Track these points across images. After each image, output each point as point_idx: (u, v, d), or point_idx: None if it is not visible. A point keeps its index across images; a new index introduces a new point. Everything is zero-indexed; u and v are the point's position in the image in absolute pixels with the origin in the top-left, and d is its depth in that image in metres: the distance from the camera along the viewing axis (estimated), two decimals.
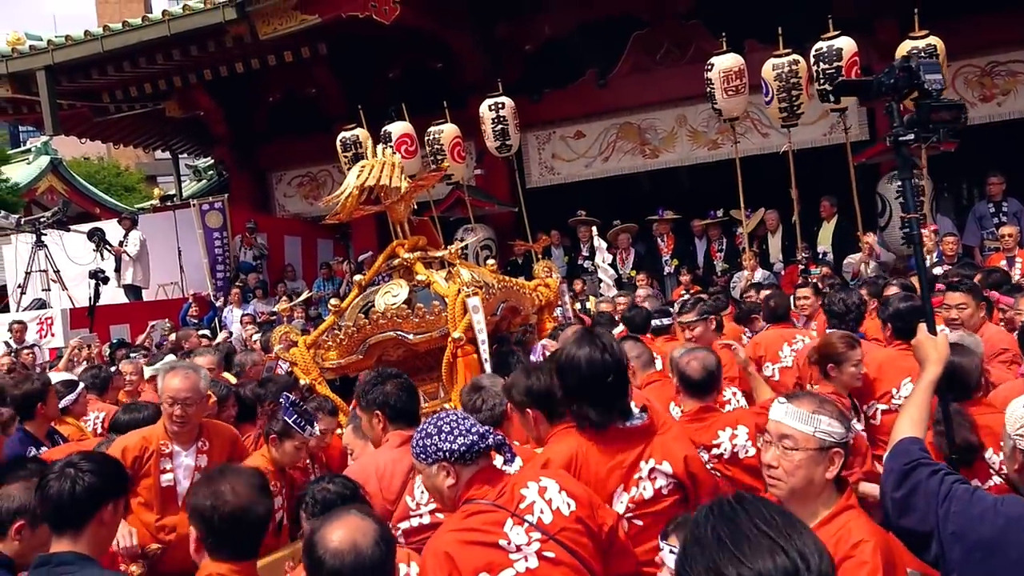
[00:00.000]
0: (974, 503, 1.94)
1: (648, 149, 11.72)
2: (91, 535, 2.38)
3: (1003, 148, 9.91)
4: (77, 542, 2.35)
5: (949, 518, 1.93)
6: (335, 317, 4.73)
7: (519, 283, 5.32)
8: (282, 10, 9.86)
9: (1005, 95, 9.95)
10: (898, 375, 3.88)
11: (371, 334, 4.44)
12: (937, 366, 2.41)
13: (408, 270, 4.67)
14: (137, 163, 33.62)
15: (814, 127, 10.13)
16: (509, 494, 2.24)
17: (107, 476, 2.48)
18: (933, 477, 2.03)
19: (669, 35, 11.39)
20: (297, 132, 13.53)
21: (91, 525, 2.38)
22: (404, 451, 2.92)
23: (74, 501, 2.35)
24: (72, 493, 2.35)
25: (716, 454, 3.28)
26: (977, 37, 9.46)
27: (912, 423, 2.23)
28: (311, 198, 14.21)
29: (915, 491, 2.02)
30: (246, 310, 11.16)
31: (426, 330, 4.35)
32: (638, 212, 11.08)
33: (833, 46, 7.57)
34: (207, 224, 12.16)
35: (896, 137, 2.78)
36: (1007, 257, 7.56)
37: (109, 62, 10.96)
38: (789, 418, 2.13)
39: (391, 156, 4.74)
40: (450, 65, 11.86)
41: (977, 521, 1.90)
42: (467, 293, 4.28)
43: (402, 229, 4.78)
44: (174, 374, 3.63)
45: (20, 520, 2.59)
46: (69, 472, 2.39)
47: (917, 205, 2.86)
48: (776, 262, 9.88)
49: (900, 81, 2.75)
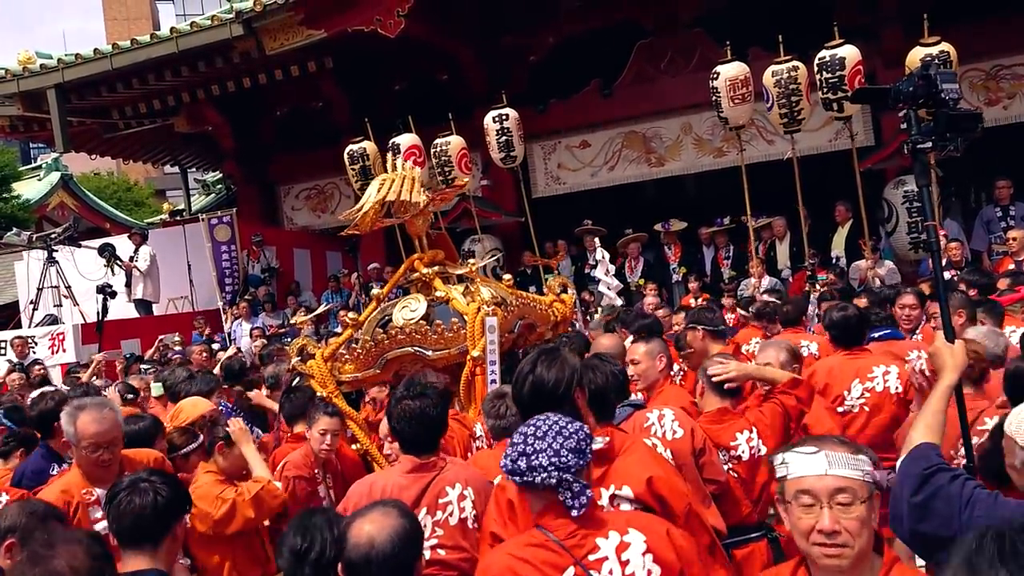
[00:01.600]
0: (998, 507, 1.93)
1: (654, 158, 11.74)
2: (166, 550, 2.39)
3: (1010, 152, 9.88)
4: (155, 557, 2.35)
5: (974, 522, 1.90)
6: (352, 330, 4.74)
7: (535, 299, 5.31)
8: (288, 26, 9.95)
9: (1011, 98, 9.94)
10: (847, 378, 4.21)
11: (389, 349, 4.44)
12: (953, 373, 2.42)
13: (426, 285, 4.68)
14: (146, 178, 33.87)
15: (819, 133, 10.14)
16: (581, 537, 1.99)
17: (179, 490, 2.52)
18: (955, 482, 2.01)
19: (673, 44, 11.43)
20: (304, 145, 13.62)
21: (167, 540, 2.39)
22: (413, 479, 2.83)
23: (156, 515, 2.36)
24: (155, 507, 2.36)
25: (734, 455, 3.36)
26: (982, 41, 9.46)
27: (928, 429, 2.22)
28: (319, 211, 14.29)
29: (935, 496, 2.00)
30: (255, 323, 11.22)
31: (444, 347, 4.35)
32: (644, 220, 11.09)
33: (836, 55, 7.56)
34: (215, 238, 12.24)
35: (915, 145, 2.78)
36: (1015, 261, 7.52)
37: (118, 79, 11.07)
38: (837, 467, 1.79)
39: (411, 170, 4.75)
40: (455, 77, 11.92)
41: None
42: (486, 312, 4.28)
43: (420, 243, 4.80)
44: (89, 417, 3.21)
45: (10, 538, 2.59)
46: (146, 487, 2.39)
47: (932, 213, 2.93)
48: (784, 268, 9.87)
49: (919, 90, 2.76)
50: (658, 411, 3.17)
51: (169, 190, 31.06)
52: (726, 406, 3.50)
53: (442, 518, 2.78)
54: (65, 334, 10.37)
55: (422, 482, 2.82)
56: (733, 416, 3.48)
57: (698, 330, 4.73)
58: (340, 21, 9.75)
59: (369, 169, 9.99)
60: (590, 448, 2.07)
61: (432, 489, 2.81)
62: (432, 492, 2.80)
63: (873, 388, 4.16)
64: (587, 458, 2.05)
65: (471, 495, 2.83)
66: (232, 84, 11.46)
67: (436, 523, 2.78)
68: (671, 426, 3.10)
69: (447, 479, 2.84)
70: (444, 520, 2.78)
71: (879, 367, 4.20)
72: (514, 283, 5.40)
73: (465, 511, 2.81)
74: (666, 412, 3.15)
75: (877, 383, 4.16)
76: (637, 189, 12.20)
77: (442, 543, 2.76)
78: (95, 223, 21.34)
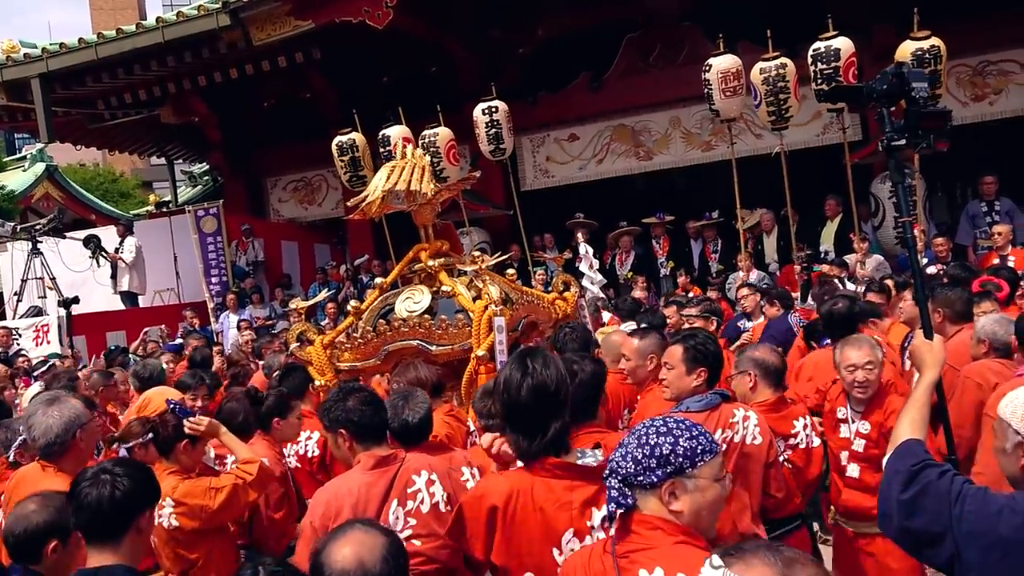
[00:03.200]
0: (989, 502, 1.94)
1: (642, 151, 11.74)
2: (129, 544, 2.31)
3: (995, 147, 9.95)
4: (118, 552, 2.27)
5: (964, 517, 1.93)
6: (354, 318, 4.68)
7: (539, 295, 5.25)
8: (276, 16, 9.88)
9: (997, 94, 9.98)
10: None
11: (391, 340, 4.40)
12: (934, 370, 2.46)
13: (430, 276, 4.63)
14: (133, 169, 33.65)
15: (807, 128, 10.17)
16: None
17: (143, 481, 2.40)
18: (943, 477, 2.02)
19: (662, 37, 11.42)
20: (292, 137, 13.54)
21: (130, 533, 2.31)
22: (378, 474, 2.78)
23: (114, 507, 2.27)
24: (112, 499, 2.27)
25: (792, 444, 3.42)
26: (969, 37, 9.49)
27: (913, 425, 2.24)
28: (306, 203, 14.22)
29: (925, 492, 2.01)
30: (242, 315, 11.16)
31: (448, 342, 4.31)
32: (633, 214, 11.10)
33: (831, 46, 7.57)
34: (202, 229, 12.17)
35: (889, 142, 2.82)
36: (1000, 256, 7.57)
37: (103, 69, 10.96)
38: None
39: (421, 158, 4.67)
40: (444, 69, 11.87)
41: (994, 519, 1.91)
42: (494, 311, 4.22)
43: (426, 233, 4.73)
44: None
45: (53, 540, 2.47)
46: (105, 478, 2.30)
47: (911, 208, 2.93)
48: (772, 262, 9.90)
49: (892, 88, 2.80)
50: (744, 411, 3.10)
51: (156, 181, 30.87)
52: (780, 395, 3.55)
53: (414, 507, 2.75)
54: (49, 326, 10.29)
55: (388, 475, 2.78)
56: (788, 405, 3.55)
57: (712, 321, 4.79)
58: (328, 12, 9.69)
59: (358, 160, 9.95)
60: (675, 459, 1.82)
61: (399, 480, 2.77)
62: (400, 483, 2.76)
63: None
64: (657, 473, 1.82)
65: (437, 479, 2.81)
66: (219, 75, 11.34)
67: (408, 513, 2.74)
68: (753, 431, 3.05)
69: (412, 467, 2.81)
70: (416, 509, 2.75)
71: None
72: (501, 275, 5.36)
73: (436, 496, 2.78)
74: (751, 415, 3.09)
75: None
76: (626, 182, 12.21)
77: (416, 532, 2.72)
78: (81, 214, 21.14)
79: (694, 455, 1.82)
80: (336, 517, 2.68)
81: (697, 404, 3.02)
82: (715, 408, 3.03)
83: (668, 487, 1.81)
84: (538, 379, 2.24)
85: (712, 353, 3.13)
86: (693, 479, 1.82)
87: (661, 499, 1.82)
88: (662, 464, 1.81)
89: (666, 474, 1.81)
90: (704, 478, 1.82)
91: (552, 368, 2.28)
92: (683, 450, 1.82)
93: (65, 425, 3.27)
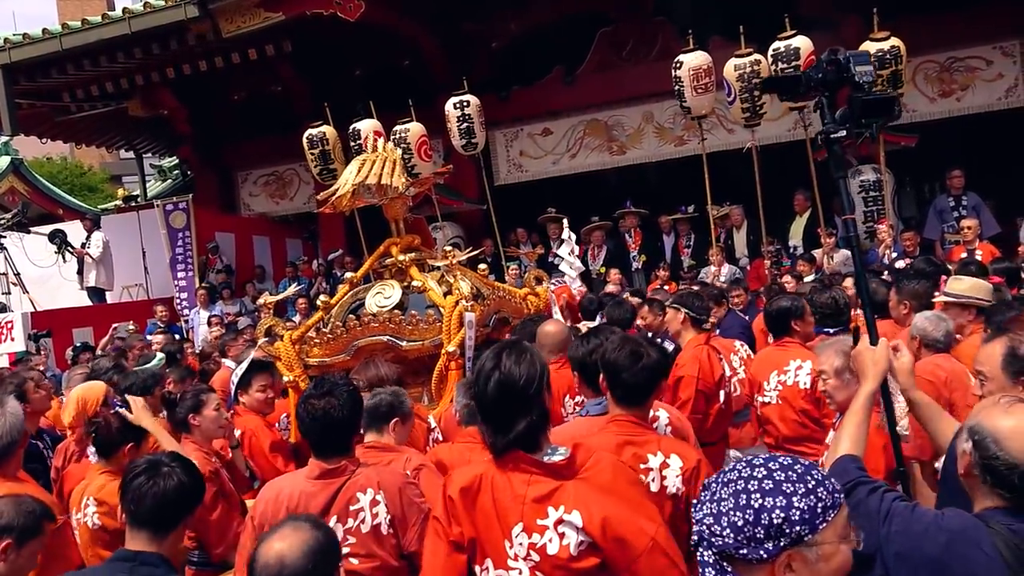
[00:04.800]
0: (915, 520, 1.87)
1: (615, 146, 11.76)
2: (173, 540, 2.35)
3: (962, 143, 10.07)
4: (163, 545, 2.29)
5: (891, 538, 1.86)
6: (323, 313, 4.63)
7: (510, 291, 5.22)
8: (245, 8, 9.75)
9: (964, 90, 10.10)
10: (768, 369, 4.29)
11: (361, 336, 4.33)
12: (874, 381, 2.30)
13: (401, 271, 4.58)
14: (101, 163, 33.09)
15: (778, 123, 10.22)
16: None
17: (198, 480, 2.45)
18: (872, 495, 1.95)
19: (635, 32, 11.45)
20: (263, 131, 13.39)
21: (179, 529, 2.36)
22: (321, 486, 2.66)
23: (175, 500, 2.32)
24: (179, 491, 2.32)
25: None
26: (936, 33, 9.61)
27: (850, 440, 2.15)
28: (277, 197, 14.09)
29: (855, 512, 1.89)
30: (212, 311, 11.04)
31: (419, 338, 4.25)
32: (606, 209, 11.11)
33: (791, 45, 7.61)
34: (171, 224, 12.01)
35: (828, 134, 2.59)
36: (967, 250, 7.67)
37: (69, 61, 10.76)
38: None
39: (393, 152, 4.62)
40: (416, 63, 11.80)
41: (920, 539, 1.83)
42: (464, 307, 4.17)
43: (397, 227, 4.68)
44: None
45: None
46: (167, 471, 2.33)
47: (852, 205, 2.79)
48: (742, 257, 9.97)
49: (828, 75, 2.56)
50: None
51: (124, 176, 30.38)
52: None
53: (354, 525, 2.62)
54: (13, 322, 10.09)
55: (331, 488, 2.65)
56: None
57: (681, 312, 4.69)
58: (299, 4, 9.58)
59: (329, 154, 9.85)
60: (779, 533, 1.42)
61: (342, 496, 2.64)
62: (342, 499, 2.64)
63: (785, 381, 4.16)
64: (767, 547, 1.42)
65: (384, 499, 2.65)
66: (188, 67, 11.17)
67: (348, 531, 2.61)
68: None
69: (358, 484, 2.66)
70: (356, 527, 2.62)
71: (794, 361, 4.17)
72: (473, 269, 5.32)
73: (378, 517, 2.63)
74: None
75: (789, 377, 4.15)
76: (599, 177, 12.22)
77: (354, 552, 2.60)
78: (47, 208, 20.78)
79: (814, 517, 1.42)
80: (272, 520, 2.62)
81: (596, 408, 2.91)
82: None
83: (783, 561, 1.43)
84: (505, 374, 2.17)
85: None
86: (815, 547, 1.42)
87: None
88: (773, 535, 1.41)
89: (779, 547, 1.41)
90: (829, 543, 1.43)
91: (525, 364, 2.19)
92: (800, 514, 1.41)
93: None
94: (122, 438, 3.28)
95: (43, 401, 4.70)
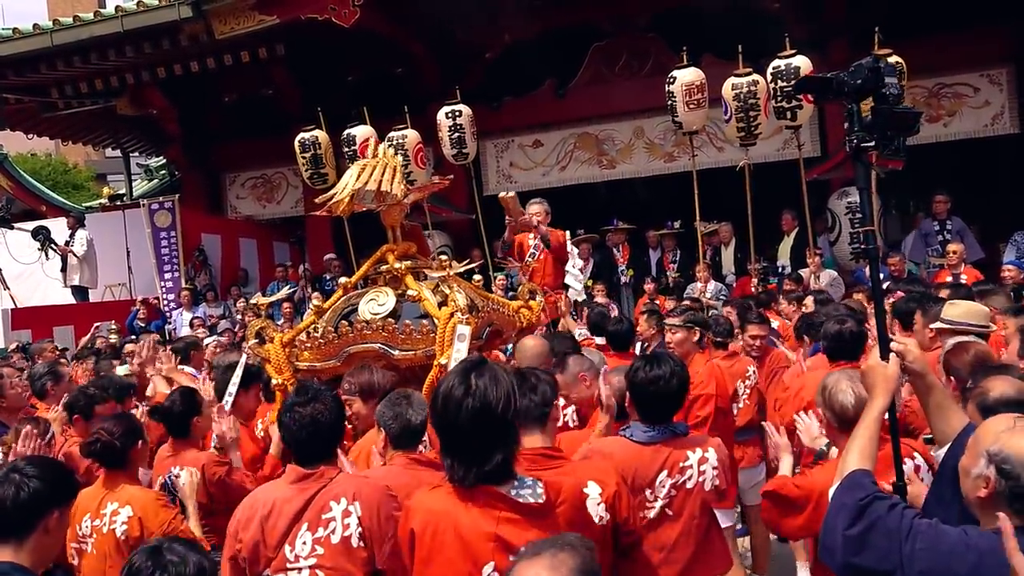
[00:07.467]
0: (941, 539, 1.86)
1: (605, 160, 11.81)
2: (34, 545, 2.29)
3: (948, 168, 10.18)
4: (19, 552, 2.25)
5: (916, 555, 1.84)
6: (315, 317, 4.59)
7: (504, 303, 5.18)
8: (239, 10, 9.73)
9: (951, 116, 10.24)
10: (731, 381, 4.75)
11: (353, 342, 4.28)
12: (884, 397, 2.27)
13: (396, 279, 4.53)
14: (87, 161, 32.84)
15: (769, 142, 10.29)
16: None
17: (53, 482, 2.38)
18: (892, 512, 1.93)
19: (628, 47, 11.52)
20: (252, 134, 13.33)
21: (35, 534, 2.28)
22: (296, 491, 2.61)
23: (17, 507, 2.26)
24: (16, 499, 2.26)
25: None
26: (925, 58, 9.69)
27: (862, 455, 2.14)
28: (264, 200, 14.02)
29: (873, 527, 1.91)
30: (196, 313, 10.96)
31: (411, 348, 4.20)
32: (595, 222, 11.15)
33: (791, 64, 7.70)
34: (156, 224, 11.92)
35: (860, 142, 2.48)
36: (952, 274, 7.75)
37: (58, 57, 10.67)
38: None
39: (392, 158, 4.58)
40: (409, 71, 11.80)
41: (948, 558, 1.82)
42: (459, 320, 4.11)
43: (393, 234, 4.63)
44: None
45: None
46: (13, 477, 2.29)
47: (870, 217, 2.77)
48: (728, 274, 10.01)
49: (867, 83, 2.47)
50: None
51: (110, 174, 30.13)
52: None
53: (324, 535, 2.54)
54: None
55: (306, 494, 2.59)
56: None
57: (695, 331, 4.79)
58: (294, 7, 9.57)
59: (320, 158, 9.83)
60: None
61: (316, 503, 2.58)
62: (315, 506, 2.57)
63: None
64: None
65: (358, 511, 2.55)
66: (179, 67, 11.11)
67: (316, 540, 2.54)
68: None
69: (333, 493, 2.59)
70: (326, 537, 2.54)
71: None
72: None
73: (349, 528, 2.54)
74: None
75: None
76: (588, 190, 12.26)
77: (321, 563, 2.52)
78: (31, 205, 20.53)
79: None
80: (247, 525, 2.59)
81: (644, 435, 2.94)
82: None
83: None
84: (480, 399, 1.99)
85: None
86: None
87: None
88: None
89: None
90: None
91: (500, 386, 2.01)
92: None
93: None
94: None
95: (18, 398, 4.64)
